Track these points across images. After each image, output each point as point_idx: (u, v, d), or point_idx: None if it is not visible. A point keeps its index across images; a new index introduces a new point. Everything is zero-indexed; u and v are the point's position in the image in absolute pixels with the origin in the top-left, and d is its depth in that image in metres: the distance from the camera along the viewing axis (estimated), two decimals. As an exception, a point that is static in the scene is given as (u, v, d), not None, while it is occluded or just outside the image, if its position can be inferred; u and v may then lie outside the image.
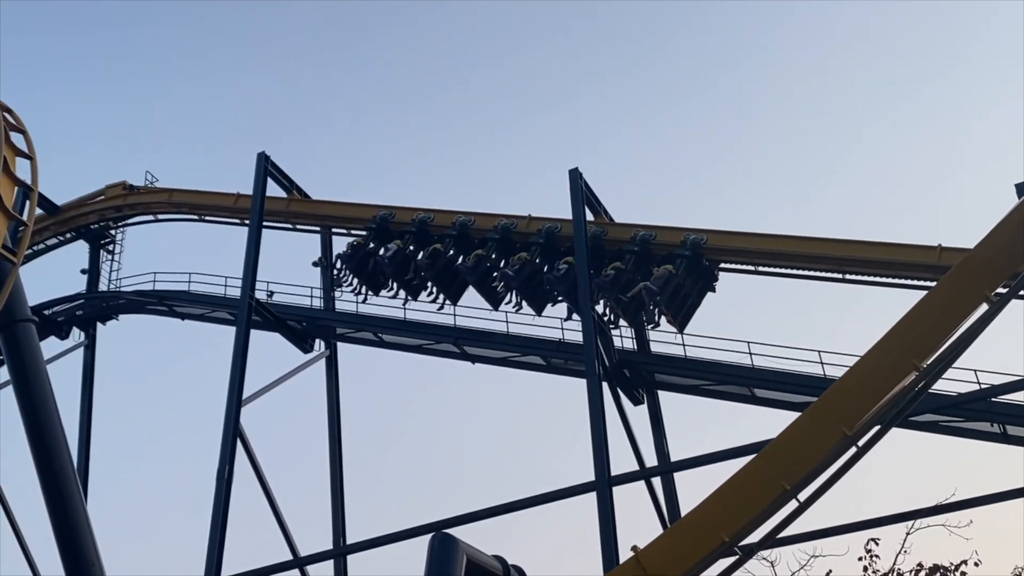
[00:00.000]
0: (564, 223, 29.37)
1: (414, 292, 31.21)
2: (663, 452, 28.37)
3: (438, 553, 17.82)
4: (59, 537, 22.68)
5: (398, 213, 32.26)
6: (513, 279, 29.09)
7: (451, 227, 31.05)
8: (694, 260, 27.76)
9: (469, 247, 30.62)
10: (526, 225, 30.02)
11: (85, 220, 39.45)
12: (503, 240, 29.93)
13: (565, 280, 28.22)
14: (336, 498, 31.83)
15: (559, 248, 29.20)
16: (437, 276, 30.57)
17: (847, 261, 26.13)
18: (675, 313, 27.75)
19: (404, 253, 31.01)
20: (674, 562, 15.98)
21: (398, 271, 31.00)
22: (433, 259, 30.58)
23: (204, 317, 36.42)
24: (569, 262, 28.30)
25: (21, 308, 24.01)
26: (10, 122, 23.94)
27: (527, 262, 29.20)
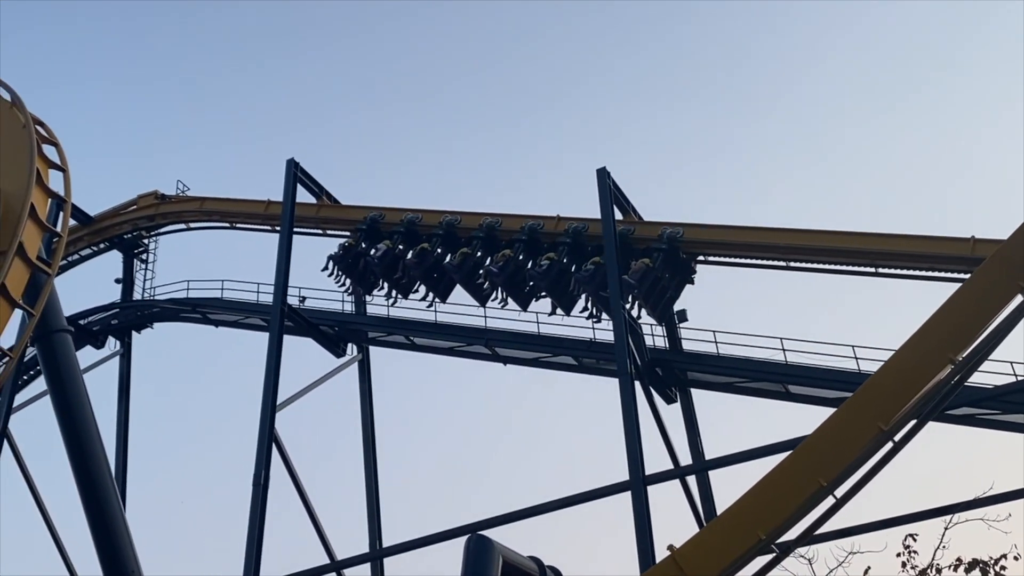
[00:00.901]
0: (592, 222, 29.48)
1: (404, 291, 31.91)
2: (697, 450, 28.28)
3: (474, 555, 17.80)
4: (98, 544, 22.91)
5: (387, 214, 32.92)
6: (497, 275, 29.65)
7: (438, 226, 31.62)
8: (670, 253, 28.24)
9: (456, 246, 31.16)
10: (555, 225, 30.06)
11: (118, 230, 39.81)
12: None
13: (547, 275, 28.87)
14: (371, 501, 31.94)
15: (587, 247, 29.31)
16: (425, 274, 31.20)
17: (880, 255, 25.92)
18: (653, 305, 28.16)
19: (393, 253, 31.69)
20: (711, 560, 15.92)
21: (387, 270, 31.71)
22: (420, 258, 31.24)
23: (237, 324, 36.69)
24: (551, 258, 28.99)
25: (57, 319, 24.27)
26: (42, 135, 24.19)
27: (510, 259, 29.75)
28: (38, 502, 33.83)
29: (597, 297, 28.30)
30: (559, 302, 29.22)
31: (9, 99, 24.52)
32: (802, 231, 27.13)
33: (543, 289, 29.32)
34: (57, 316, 24.31)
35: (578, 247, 29.32)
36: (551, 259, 29.02)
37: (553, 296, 29.26)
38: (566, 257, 29.29)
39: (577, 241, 29.34)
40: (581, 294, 28.71)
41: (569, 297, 29.23)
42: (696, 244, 28.64)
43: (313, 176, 34.37)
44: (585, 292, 28.52)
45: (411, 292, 31.79)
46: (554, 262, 28.94)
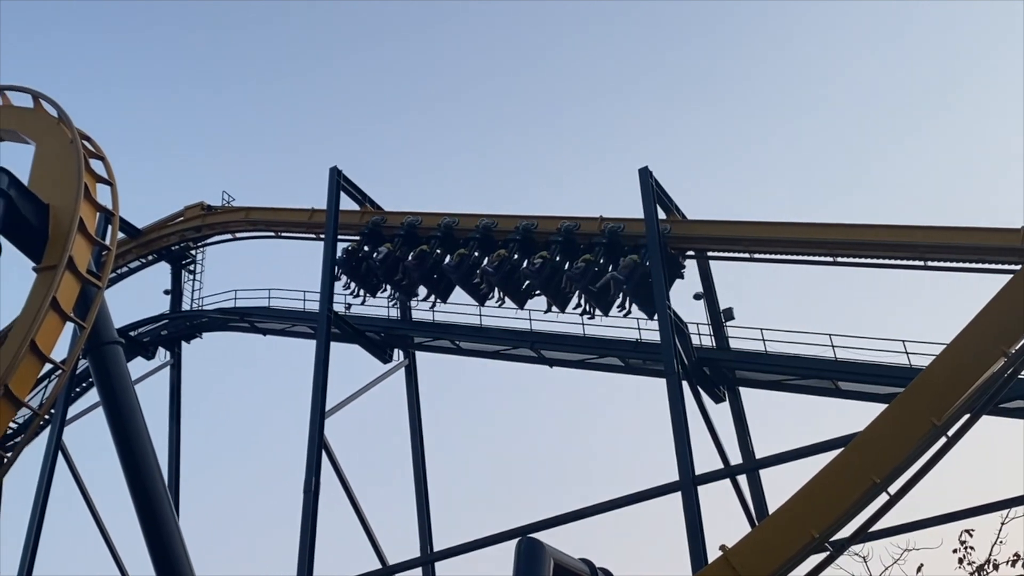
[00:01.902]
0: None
1: (406, 292, 32.74)
2: (747, 449, 28.06)
3: (525, 558, 17.78)
4: (152, 552, 23.16)
5: (389, 218, 33.64)
6: (493, 275, 30.15)
7: (437, 228, 32.19)
8: None
9: (454, 247, 31.64)
10: (597, 226, 30.01)
11: (166, 242, 40.22)
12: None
13: (540, 274, 29.38)
14: (421, 505, 31.97)
15: (578, 246, 29.66)
16: (424, 276, 31.83)
17: (929, 248, 25.54)
18: (642, 301, 28.38)
19: (394, 255, 32.35)
20: (764, 560, 15.83)
21: (388, 272, 32.40)
22: (420, 260, 31.85)
23: (285, 332, 36.93)
24: (544, 257, 29.41)
25: (108, 331, 24.57)
26: (89, 150, 24.49)
27: (505, 259, 30.19)
28: (93, 512, 34.27)
29: (588, 294, 28.81)
30: (553, 300, 29.75)
31: (56, 115, 24.86)
32: (845, 226, 26.76)
33: (537, 287, 29.86)
34: (108, 328, 24.62)
35: (570, 245, 29.78)
36: (544, 258, 29.54)
37: (547, 294, 29.79)
38: (559, 255, 29.81)
39: (569, 239, 29.82)
40: (574, 292, 29.24)
41: (562, 295, 29.69)
42: (682, 240, 28.97)
43: (356, 183, 34.57)
44: (577, 289, 29.01)
45: (413, 293, 32.58)
46: (546, 261, 29.46)
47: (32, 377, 20.59)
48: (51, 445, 33.76)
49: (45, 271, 21.32)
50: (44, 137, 24.70)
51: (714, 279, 29.58)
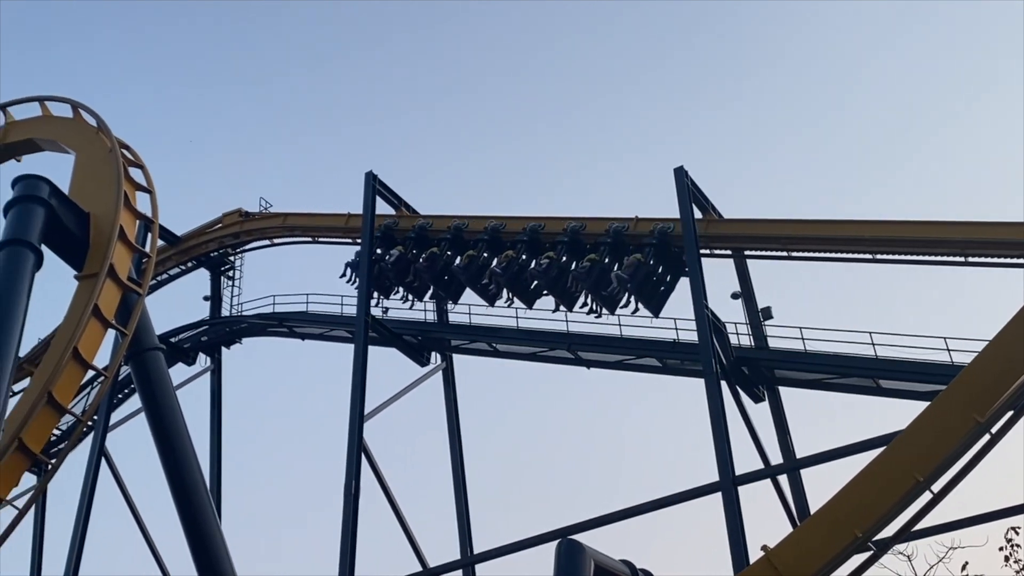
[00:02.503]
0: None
1: (417, 294, 33.21)
2: (788, 449, 27.84)
3: (565, 559, 17.76)
4: (196, 556, 23.31)
5: (401, 221, 33.99)
6: (501, 276, 30.64)
7: (447, 231, 32.67)
8: (661, 248, 28.81)
9: (464, 248, 32.02)
10: (634, 226, 29.98)
11: (205, 248, 40.57)
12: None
13: (547, 274, 29.86)
14: (460, 507, 32.02)
15: (584, 246, 29.97)
16: (435, 277, 32.37)
17: (970, 243, 25.24)
18: (647, 299, 28.80)
19: (406, 258, 32.96)
20: (806, 560, 15.72)
21: (400, 274, 32.93)
22: (431, 262, 32.37)
23: (323, 336, 37.13)
24: (550, 257, 29.87)
25: (149, 337, 24.77)
26: (128, 158, 24.75)
27: (513, 259, 30.68)
28: (136, 516, 34.60)
29: (594, 293, 29.15)
30: (560, 300, 30.09)
31: (95, 124, 25.14)
32: (884, 222, 26.58)
33: (545, 287, 30.25)
34: (149, 335, 24.82)
35: (576, 245, 30.12)
36: (550, 258, 30.02)
37: (554, 294, 30.15)
38: (565, 255, 30.17)
39: (574, 240, 30.15)
40: (580, 291, 29.58)
41: (569, 295, 29.99)
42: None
43: (391, 188, 34.71)
44: (584, 289, 29.37)
45: (424, 294, 33.10)
46: (553, 261, 29.94)
47: (75, 384, 20.84)
48: (94, 450, 34.16)
49: (86, 279, 21.56)
50: (84, 146, 24.98)
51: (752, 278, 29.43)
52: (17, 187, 22.11)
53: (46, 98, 27.01)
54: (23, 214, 21.53)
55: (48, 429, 20.33)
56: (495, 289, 31.22)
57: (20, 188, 22.04)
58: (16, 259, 20.73)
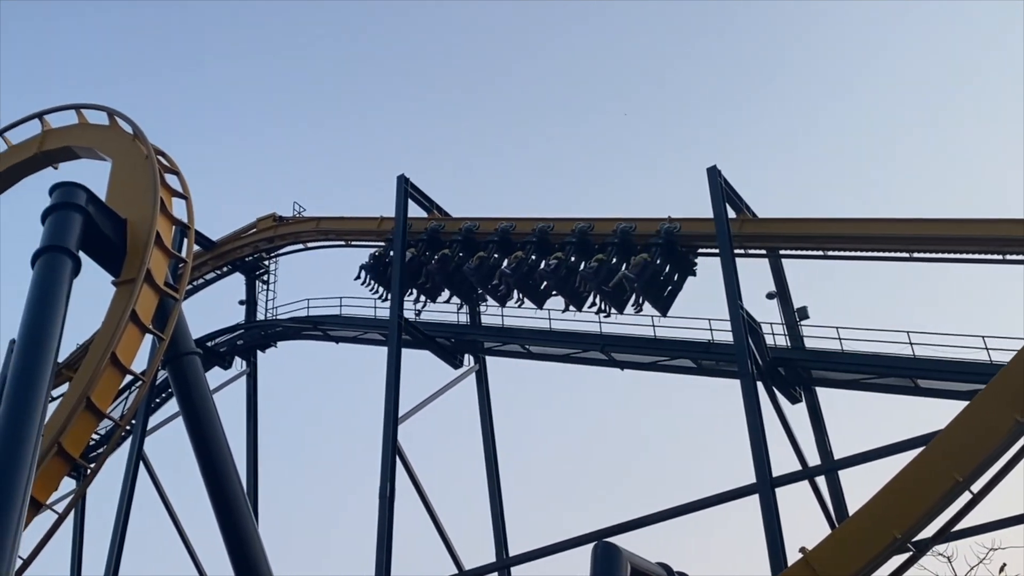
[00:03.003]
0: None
1: (430, 295, 33.67)
2: (826, 450, 27.60)
3: (601, 562, 17.72)
4: (233, 559, 23.43)
5: (414, 223, 34.27)
6: (510, 276, 31.01)
7: (457, 233, 33.12)
8: (667, 247, 29.06)
9: (474, 250, 32.40)
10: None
11: (240, 253, 40.86)
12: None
13: (555, 274, 30.28)
14: (495, 509, 31.99)
15: (592, 246, 30.21)
16: (447, 279, 32.86)
17: (1007, 241, 24.91)
18: (654, 299, 29.05)
19: (418, 260, 33.41)
20: (845, 562, 15.60)
21: (412, 276, 33.34)
22: (442, 263, 32.82)
23: (357, 339, 37.29)
24: (559, 257, 30.28)
25: (186, 342, 24.91)
26: (164, 165, 24.92)
27: (522, 260, 31.03)
28: (174, 519, 34.92)
29: (602, 292, 29.37)
30: (569, 300, 30.48)
31: (131, 131, 25.34)
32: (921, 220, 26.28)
33: (553, 287, 30.69)
34: (186, 339, 24.96)
35: (584, 246, 30.39)
36: (559, 258, 30.36)
37: (563, 294, 30.57)
38: (573, 256, 30.47)
39: (583, 240, 30.46)
40: (588, 291, 29.82)
41: (578, 294, 30.29)
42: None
43: (423, 190, 34.78)
44: (592, 288, 29.59)
45: (437, 296, 33.47)
46: (561, 261, 30.27)
47: (113, 389, 20.97)
48: (133, 454, 34.50)
49: (124, 284, 21.70)
50: (120, 153, 25.16)
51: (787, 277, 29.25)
52: (55, 194, 22.28)
53: (83, 106, 27.26)
54: (61, 221, 21.68)
55: (87, 434, 20.48)
56: (505, 290, 31.60)
57: (58, 195, 22.20)
58: (55, 266, 20.88)
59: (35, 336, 19.50)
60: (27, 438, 17.58)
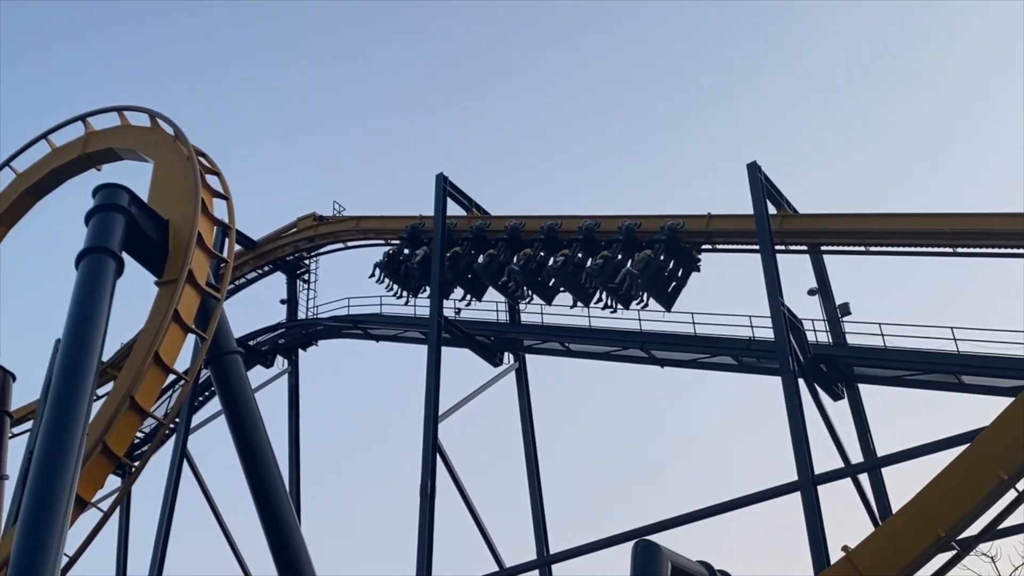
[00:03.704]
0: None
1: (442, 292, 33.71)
2: (868, 447, 27.38)
3: (642, 560, 17.62)
4: (276, 555, 23.56)
5: (427, 222, 35.01)
6: (519, 273, 31.61)
7: (469, 231, 33.77)
8: (671, 244, 29.58)
9: (484, 248, 33.28)
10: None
11: (281, 253, 41.17)
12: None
13: (563, 270, 30.79)
14: (536, 507, 31.99)
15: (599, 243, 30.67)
16: (458, 276, 33.57)
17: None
18: (658, 294, 29.65)
19: (430, 257, 33.88)
20: (888, 560, 15.47)
21: (425, 274, 33.99)
22: (453, 261, 33.47)
23: (397, 337, 37.43)
24: (566, 254, 30.80)
25: (228, 341, 25.04)
26: (205, 166, 25.08)
27: (531, 257, 31.70)
28: (217, 517, 35.24)
29: (607, 288, 29.97)
30: (577, 296, 31.01)
31: (172, 133, 25.56)
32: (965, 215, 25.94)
33: (561, 283, 31.22)
34: (228, 338, 25.08)
35: (590, 243, 30.92)
36: (566, 255, 30.90)
37: (570, 290, 31.10)
38: (580, 252, 30.98)
39: (589, 237, 30.97)
40: (594, 287, 30.35)
41: (584, 290, 30.80)
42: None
43: (462, 189, 34.84)
44: (598, 284, 30.16)
45: (450, 292, 33.97)
46: (568, 258, 30.80)
47: (157, 388, 21.17)
48: (176, 452, 34.87)
49: (166, 285, 21.88)
50: (162, 155, 25.35)
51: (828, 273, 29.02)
52: (98, 196, 22.46)
53: (125, 108, 27.52)
54: (104, 222, 21.85)
55: (131, 433, 20.67)
56: (514, 286, 32.12)
57: (101, 197, 22.38)
58: (98, 266, 21.05)
59: (79, 336, 19.70)
60: (72, 436, 17.78)
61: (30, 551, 16.17)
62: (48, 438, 17.79)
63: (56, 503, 16.83)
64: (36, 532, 16.42)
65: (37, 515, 16.69)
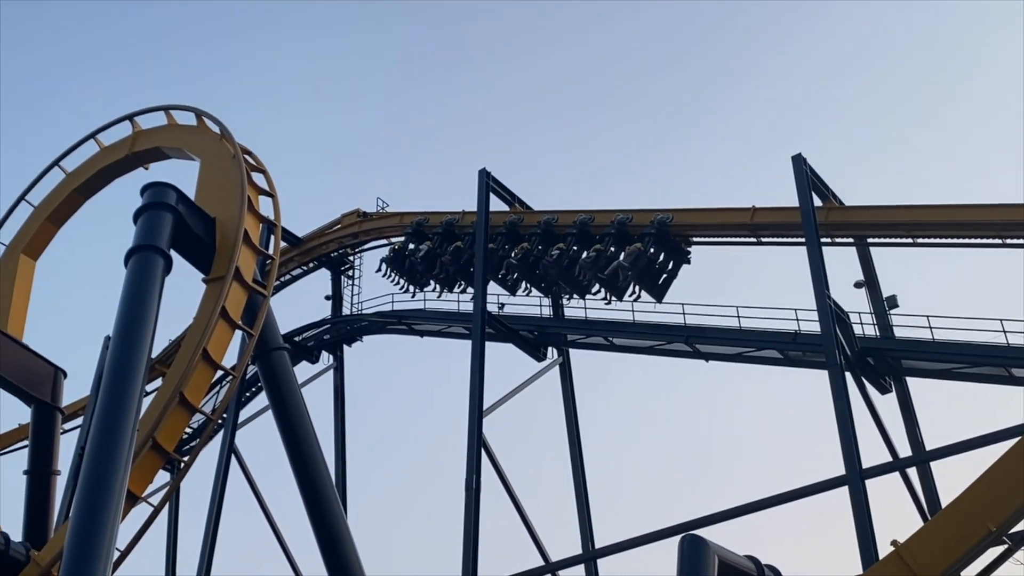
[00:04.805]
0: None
1: (446, 285, 35.43)
2: (917, 441, 27.07)
3: (689, 555, 17.55)
4: (324, 550, 23.76)
5: (431, 218, 36.49)
6: (517, 267, 32.55)
7: (470, 226, 34.50)
8: (660, 237, 30.30)
9: None
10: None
11: (325, 249, 41.41)
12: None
13: (558, 264, 31.54)
14: (581, 502, 31.92)
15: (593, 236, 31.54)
16: (460, 270, 34.61)
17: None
18: (649, 286, 30.45)
19: (434, 252, 35.30)
20: (938, 555, 15.31)
21: (429, 268, 35.22)
22: (455, 255, 34.56)
23: (441, 333, 37.51)
24: (560, 248, 31.56)
25: (274, 337, 25.31)
26: (251, 163, 25.31)
27: (528, 251, 32.50)
28: (265, 511, 35.51)
29: (599, 281, 30.85)
30: (572, 288, 31.92)
31: (218, 131, 25.81)
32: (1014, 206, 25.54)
33: (557, 277, 32.00)
34: (274, 335, 25.33)
35: (585, 236, 31.71)
36: (560, 249, 31.66)
37: (566, 283, 31.99)
38: (575, 246, 31.72)
39: (583, 231, 31.80)
40: (587, 279, 31.13)
41: (579, 283, 31.60)
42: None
43: (505, 184, 34.83)
44: (590, 277, 30.97)
45: (454, 286, 35.14)
46: (563, 251, 31.55)
47: (205, 384, 21.42)
48: (224, 448, 35.20)
49: (214, 282, 22.14)
50: (208, 153, 25.65)
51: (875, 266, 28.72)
52: (146, 194, 22.77)
53: (171, 107, 27.86)
54: (152, 220, 22.15)
55: (180, 428, 20.95)
56: (512, 279, 33.04)
57: (149, 195, 22.68)
58: (147, 264, 21.34)
59: (129, 333, 19.98)
60: (123, 432, 18.05)
61: (83, 546, 16.43)
62: (99, 434, 18.07)
63: (108, 498, 17.09)
64: (88, 527, 16.68)
65: (89, 510, 16.96)
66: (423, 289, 36.28)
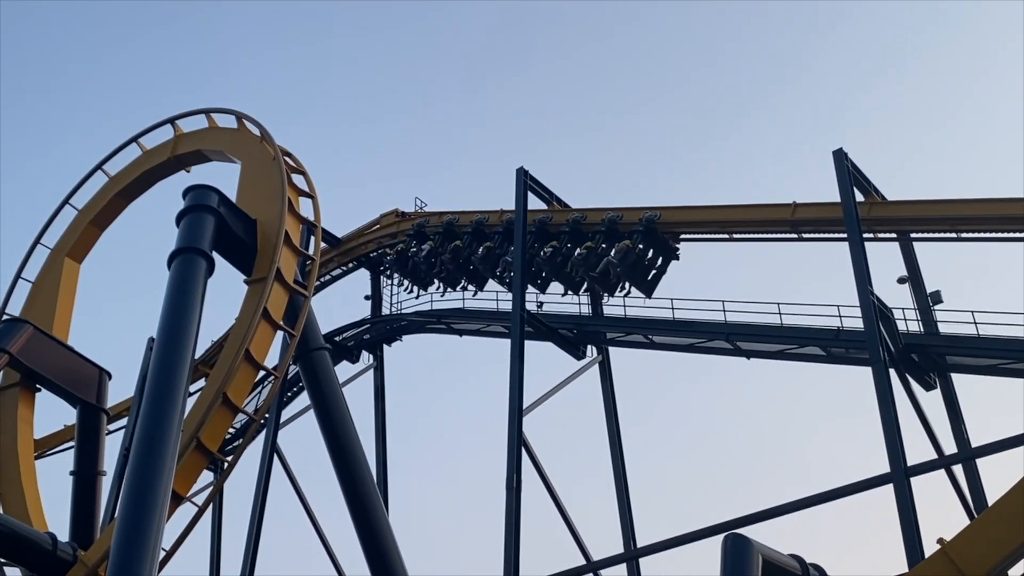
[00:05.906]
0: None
1: (450, 283, 36.39)
2: (962, 438, 26.72)
3: (732, 555, 17.41)
4: (366, 549, 23.88)
5: (432, 219, 37.62)
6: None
7: (469, 226, 35.59)
8: (648, 234, 31.09)
9: (483, 240, 35.09)
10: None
11: (364, 249, 41.53)
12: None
13: (551, 260, 32.48)
14: (622, 501, 31.81)
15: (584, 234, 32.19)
16: (460, 268, 35.58)
17: None
18: (638, 282, 31.33)
19: (435, 251, 36.30)
20: (985, 553, 15.08)
21: (430, 267, 36.43)
22: (454, 254, 35.58)
23: (480, 332, 37.51)
24: (554, 245, 32.47)
25: (315, 337, 25.47)
26: (291, 165, 25.48)
27: (556, 249, 32.80)
28: (307, 510, 35.75)
29: (590, 278, 31.77)
30: (566, 285, 32.81)
31: (259, 134, 25.98)
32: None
33: (550, 273, 32.97)
34: (315, 335, 25.49)
35: (576, 234, 32.50)
36: (554, 246, 32.59)
37: (559, 280, 32.91)
38: (568, 243, 32.56)
39: (575, 229, 32.58)
40: (579, 276, 32.11)
41: (571, 279, 32.56)
42: (675, 224, 31.11)
43: (542, 183, 34.77)
44: (581, 274, 31.93)
45: (456, 284, 36.11)
46: (556, 249, 32.47)
47: (248, 384, 21.61)
48: (267, 447, 35.46)
49: (255, 283, 22.31)
50: (249, 156, 25.83)
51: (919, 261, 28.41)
52: (188, 197, 22.98)
53: (212, 110, 28.08)
54: (195, 223, 22.35)
55: (224, 428, 21.14)
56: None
57: (191, 198, 22.90)
58: (190, 266, 21.54)
59: (173, 334, 20.18)
60: (168, 433, 18.23)
61: (129, 546, 16.59)
62: (144, 434, 18.25)
63: (153, 498, 17.26)
64: (134, 527, 16.85)
65: (135, 510, 17.13)
66: (426, 289, 37.50)
